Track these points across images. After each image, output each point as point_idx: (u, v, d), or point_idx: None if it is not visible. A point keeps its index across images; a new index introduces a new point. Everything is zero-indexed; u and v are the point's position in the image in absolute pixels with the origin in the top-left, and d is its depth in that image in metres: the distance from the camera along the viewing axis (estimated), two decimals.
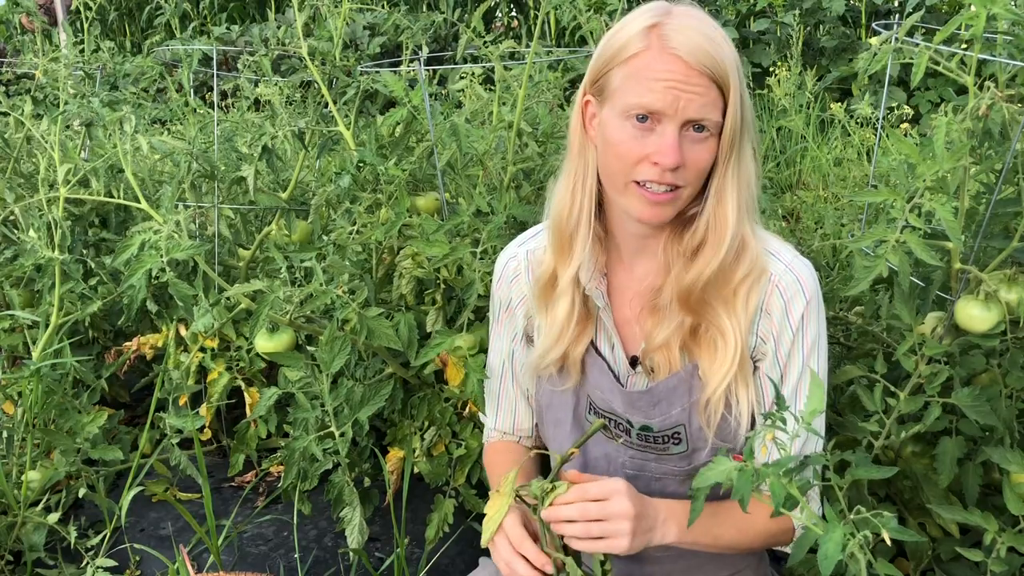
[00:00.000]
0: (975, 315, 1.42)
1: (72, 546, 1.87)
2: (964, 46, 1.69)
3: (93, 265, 2.25)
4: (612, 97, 1.14)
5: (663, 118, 1.09)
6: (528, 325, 1.38)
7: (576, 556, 1.14)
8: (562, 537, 1.12)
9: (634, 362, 1.28)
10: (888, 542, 0.88)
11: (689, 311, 1.19)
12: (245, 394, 2.25)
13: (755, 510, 1.15)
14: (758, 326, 1.20)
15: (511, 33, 7.56)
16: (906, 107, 4.65)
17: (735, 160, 1.13)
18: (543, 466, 1.43)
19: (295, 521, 2.06)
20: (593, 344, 1.29)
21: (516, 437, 1.47)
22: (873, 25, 2.65)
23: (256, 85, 2.26)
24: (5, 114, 2.43)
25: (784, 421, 0.96)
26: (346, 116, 1.99)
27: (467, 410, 1.95)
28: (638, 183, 1.12)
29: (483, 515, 1.17)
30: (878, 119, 3.50)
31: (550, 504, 1.11)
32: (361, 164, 1.89)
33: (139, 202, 1.85)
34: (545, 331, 1.29)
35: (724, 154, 1.12)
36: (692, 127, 1.10)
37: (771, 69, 5.43)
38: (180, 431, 2.01)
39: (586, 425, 1.32)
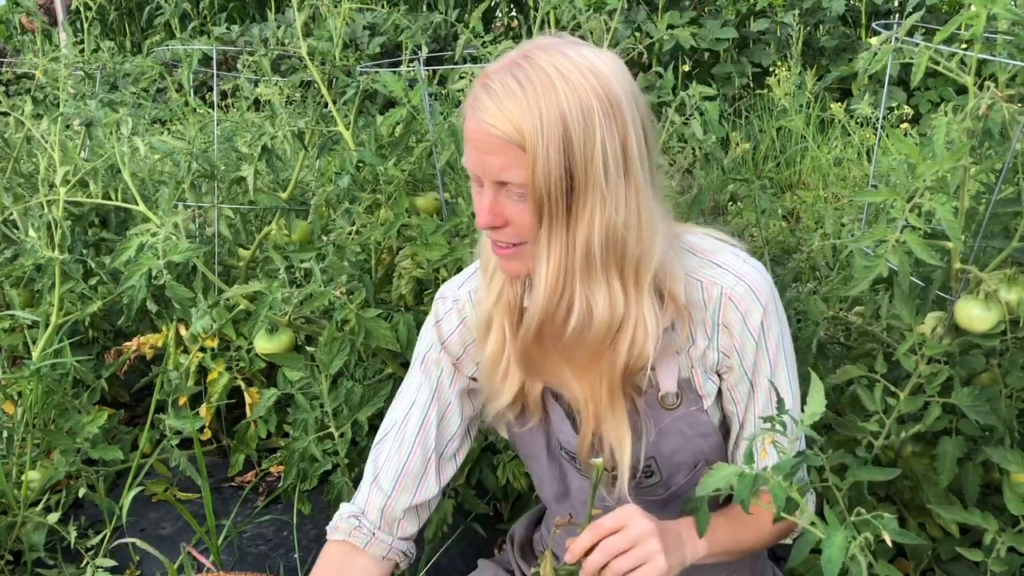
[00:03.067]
0: (975, 315, 1.42)
1: (72, 546, 1.87)
2: (964, 46, 1.69)
3: (93, 265, 2.25)
4: None
5: (480, 178, 1.06)
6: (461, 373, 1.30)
7: None
8: None
9: None
10: (889, 544, 0.88)
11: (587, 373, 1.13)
12: (245, 394, 2.25)
13: (763, 508, 1.14)
14: (717, 342, 1.16)
15: (511, 33, 7.56)
16: (906, 107, 4.65)
17: (557, 221, 1.02)
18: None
19: (295, 521, 2.05)
20: (547, 387, 1.23)
21: (378, 525, 1.23)
22: (873, 25, 2.65)
23: (256, 85, 2.26)
24: (5, 114, 2.43)
25: (784, 426, 0.96)
26: (346, 116, 1.99)
27: None
28: None
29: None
30: (878, 119, 3.50)
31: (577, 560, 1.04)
32: (361, 164, 1.89)
33: (137, 204, 1.85)
34: (483, 370, 1.22)
35: (537, 215, 1.02)
36: (508, 185, 1.03)
37: (771, 69, 5.43)
38: (180, 432, 2.01)
39: (561, 459, 1.29)
